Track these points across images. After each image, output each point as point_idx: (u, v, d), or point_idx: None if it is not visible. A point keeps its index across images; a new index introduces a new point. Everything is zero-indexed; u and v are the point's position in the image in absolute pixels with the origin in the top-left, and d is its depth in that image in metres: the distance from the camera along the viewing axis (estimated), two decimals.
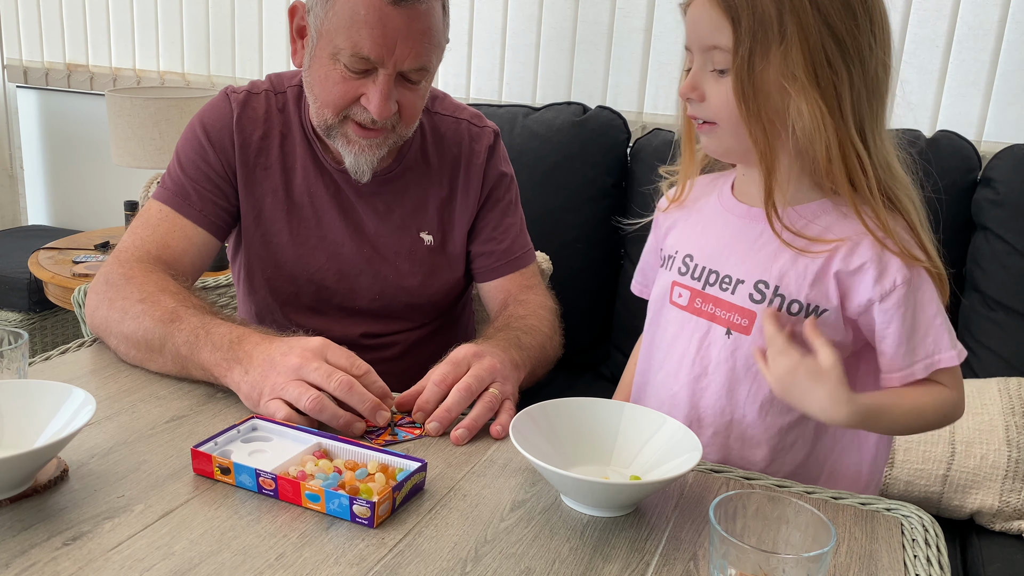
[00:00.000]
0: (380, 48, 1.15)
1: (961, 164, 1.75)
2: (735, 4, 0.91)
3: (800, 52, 0.90)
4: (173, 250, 1.26)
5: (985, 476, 1.43)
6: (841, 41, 0.91)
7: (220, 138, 1.29)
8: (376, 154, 1.25)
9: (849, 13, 0.91)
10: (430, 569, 0.74)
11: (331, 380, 0.94)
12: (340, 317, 1.36)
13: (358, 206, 1.33)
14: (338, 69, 1.18)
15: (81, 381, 1.06)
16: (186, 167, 1.30)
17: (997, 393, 1.50)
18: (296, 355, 0.96)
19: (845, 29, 0.91)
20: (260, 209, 1.32)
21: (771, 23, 0.90)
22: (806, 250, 0.96)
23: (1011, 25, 1.99)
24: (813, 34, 0.90)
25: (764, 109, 0.93)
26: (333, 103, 1.20)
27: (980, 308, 1.70)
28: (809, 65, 0.91)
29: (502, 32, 2.49)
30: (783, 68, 0.91)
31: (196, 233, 1.28)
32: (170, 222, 1.27)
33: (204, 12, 2.90)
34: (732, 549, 0.65)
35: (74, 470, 0.86)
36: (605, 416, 0.94)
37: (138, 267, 1.19)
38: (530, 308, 1.33)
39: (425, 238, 1.36)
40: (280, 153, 1.31)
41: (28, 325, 2.74)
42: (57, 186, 3.34)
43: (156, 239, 1.26)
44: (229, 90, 1.33)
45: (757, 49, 0.91)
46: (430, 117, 1.37)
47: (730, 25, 0.91)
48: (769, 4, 0.90)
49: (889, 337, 0.97)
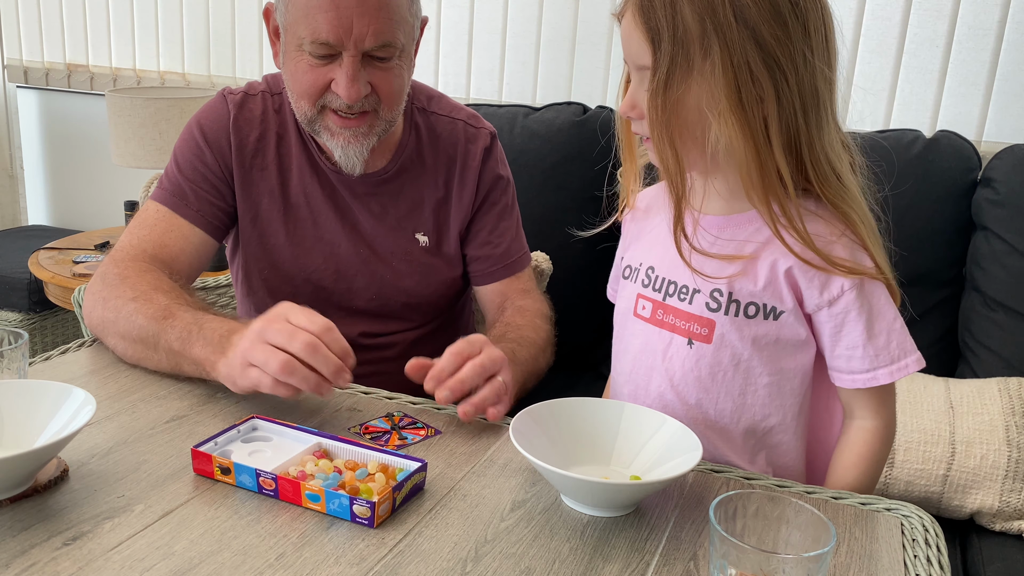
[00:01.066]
0: (336, 29, 1.15)
1: (961, 164, 1.75)
2: (655, 25, 0.88)
3: (723, 76, 0.87)
4: (170, 249, 1.26)
5: (985, 476, 1.43)
6: (769, 56, 0.87)
7: (217, 139, 1.30)
8: (364, 144, 1.25)
9: (780, 22, 0.87)
10: (430, 569, 0.74)
11: (294, 341, 0.94)
12: (338, 317, 1.35)
13: (354, 207, 1.33)
14: (304, 59, 1.19)
15: (81, 381, 1.06)
16: (183, 168, 1.30)
17: (997, 393, 1.50)
18: (258, 321, 0.97)
19: (775, 42, 0.87)
20: (257, 210, 1.32)
21: (692, 44, 0.87)
22: (731, 260, 0.96)
23: (1011, 25, 1.99)
24: (738, 53, 0.87)
25: (680, 133, 0.90)
26: (306, 92, 1.21)
27: (980, 308, 1.70)
28: (733, 90, 0.87)
29: (502, 32, 2.49)
30: (703, 92, 0.89)
31: (193, 233, 1.28)
32: (167, 222, 1.28)
33: (204, 12, 2.90)
34: (732, 549, 0.65)
35: (74, 470, 0.86)
36: (605, 416, 0.94)
37: (133, 266, 1.19)
38: (527, 317, 1.33)
39: (420, 239, 1.36)
40: (276, 154, 1.32)
41: (28, 325, 2.74)
42: (57, 186, 3.34)
43: (153, 239, 1.26)
44: (226, 91, 1.33)
45: (676, 72, 0.88)
46: (426, 117, 1.37)
47: (649, 46, 0.89)
48: (692, 23, 0.87)
49: (845, 339, 0.96)
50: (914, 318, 1.04)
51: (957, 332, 1.75)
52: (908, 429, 1.47)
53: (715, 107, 0.88)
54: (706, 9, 0.86)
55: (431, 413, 1.05)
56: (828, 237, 0.94)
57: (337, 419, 1.02)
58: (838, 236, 0.94)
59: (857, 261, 0.95)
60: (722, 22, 0.86)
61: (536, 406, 0.93)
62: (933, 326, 1.74)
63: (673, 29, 0.87)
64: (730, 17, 0.86)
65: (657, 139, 0.91)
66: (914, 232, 1.72)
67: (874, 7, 2.09)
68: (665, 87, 0.89)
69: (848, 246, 0.95)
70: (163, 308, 1.09)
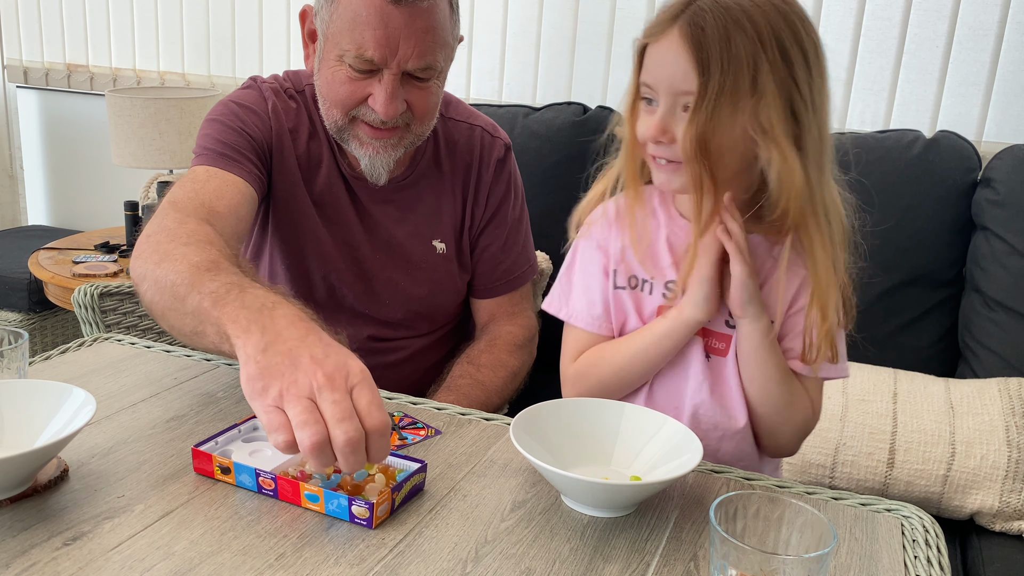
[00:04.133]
0: (383, 48, 1.14)
1: (961, 164, 1.75)
2: (707, 53, 0.91)
3: (775, 106, 0.92)
4: (228, 201, 1.17)
5: (985, 476, 1.43)
6: (804, 97, 0.93)
7: (259, 119, 1.26)
8: (392, 155, 1.24)
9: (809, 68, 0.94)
10: (430, 569, 0.74)
11: (340, 426, 0.76)
12: (350, 318, 1.36)
13: (373, 211, 1.33)
14: (344, 70, 1.18)
15: (81, 381, 1.06)
16: (224, 134, 1.23)
17: (997, 393, 1.50)
18: (325, 370, 0.78)
19: (808, 85, 0.93)
20: (288, 198, 1.30)
21: (744, 75, 0.91)
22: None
23: (1011, 25, 1.99)
24: (784, 89, 0.92)
25: (723, 156, 0.94)
26: (341, 103, 1.20)
27: (980, 308, 1.70)
28: (782, 118, 0.93)
29: (502, 32, 2.49)
30: (753, 120, 0.93)
31: (247, 189, 1.20)
32: (220, 178, 1.19)
33: (204, 12, 2.90)
34: (733, 550, 0.65)
35: (74, 470, 0.86)
36: (605, 416, 0.94)
37: (194, 217, 1.09)
38: (495, 354, 1.36)
39: (438, 246, 1.35)
40: (307, 149, 1.30)
41: (28, 325, 2.74)
42: (57, 186, 3.34)
43: (211, 190, 1.17)
44: (259, 80, 1.31)
45: (726, 100, 0.91)
46: (444, 123, 1.36)
47: (698, 72, 0.91)
48: (743, 56, 0.90)
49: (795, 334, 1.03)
50: (912, 320, 1.04)
51: (957, 332, 1.75)
52: (908, 429, 1.47)
53: (765, 135, 0.93)
54: (757, 42, 0.91)
55: (431, 413, 1.05)
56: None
57: None
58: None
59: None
60: (771, 58, 0.91)
61: (536, 406, 0.93)
62: (933, 326, 1.74)
63: (726, 58, 0.90)
64: (776, 54, 0.91)
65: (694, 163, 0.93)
66: (914, 232, 1.72)
67: (874, 7, 2.09)
68: (712, 114, 0.91)
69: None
70: (211, 261, 0.96)
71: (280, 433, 0.76)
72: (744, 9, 0.91)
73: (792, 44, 0.92)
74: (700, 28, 0.91)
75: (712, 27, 0.90)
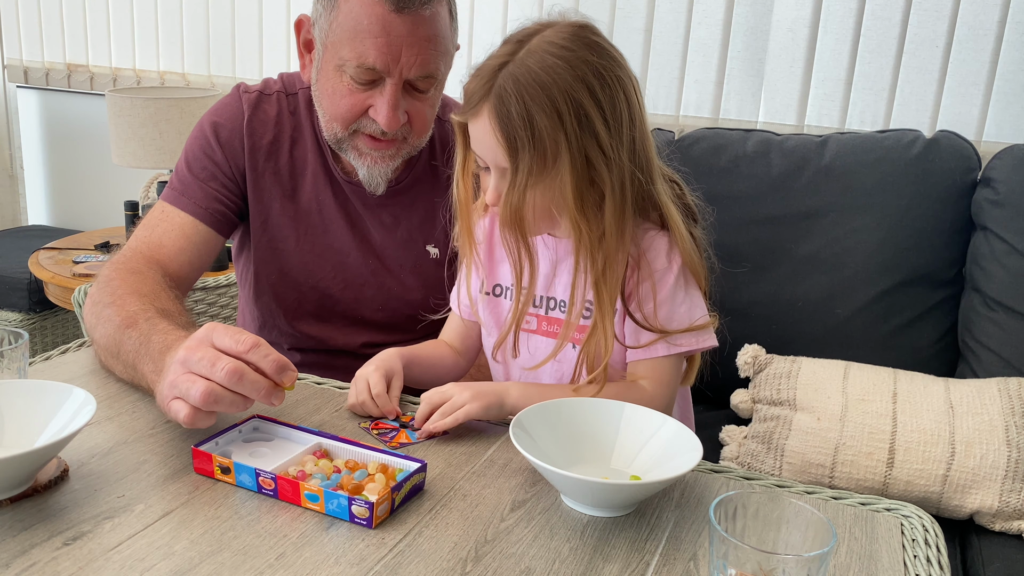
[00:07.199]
0: (385, 57, 1.14)
1: (961, 164, 1.75)
2: (512, 133, 0.96)
3: (568, 179, 0.98)
4: (167, 249, 1.24)
5: (985, 476, 1.43)
6: (605, 143, 0.98)
7: (230, 139, 1.28)
8: (390, 165, 1.25)
9: (611, 109, 0.98)
10: (430, 569, 0.74)
11: (216, 369, 0.84)
12: (343, 326, 1.35)
13: (365, 217, 1.32)
14: (344, 81, 1.17)
15: (81, 381, 1.06)
16: (192, 165, 1.29)
17: (997, 393, 1.50)
18: (182, 349, 0.88)
19: (608, 131, 0.98)
20: (268, 214, 1.31)
21: (548, 153, 0.97)
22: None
23: (1011, 25, 1.99)
24: (581, 153, 0.98)
25: (536, 222, 1.02)
26: (342, 116, 1.20)
27: (980, 308, 1.70)
28: (575, 189, 0.98)
29: (502, 32, 2.48)
30: (552, 192, 0.99)
31: (195, 229, 1.26)
32: (168, 220, 1.26)
33: (204, 12, 2.90)
34: (732, 549, 0.65)
35: (74, 470, 0.86)
36: (605, 416, 0.94)
37: (122, 269, 1.17)
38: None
39: (432, 251, 1.35)
40: (290, 158, 1.30)
41: (28, 325, 2.74)
42: (57, 186, 3.34)
43: (152, 239, 1.25)
44: (242, 89, 1.31)
45: (534, 179, 0.98)
46: (440, 125, 1.36)
47: (507, 152, 0.98)
48: (546, 136, 0.96)
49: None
50: (912, 320, 1.04)
51: (957, 332, 1.75)
52: (908, 429, 1.47)
53: (562, 205, 1.00)
54: (556, 118, 0.96)
55: None
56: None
57: (340, 418, 1.02)
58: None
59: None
60: (568, 129, 0.96)
61: (536, 406, 0.93)
62: (933, 326, 1.73)
63: (530, 138, 0.96)
64: (574, 123, 0.96)
65: (511, 227, 1.01)
66: (914, 232, 1.72)
67: (874, 7, 2.09)
68: (524, 191, 0.98)
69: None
70: (129, 316, 1.04)
71: (180, 410, 0.85)
72: (542, 84, 0.96)
73: (591, 105, 0.96)
74: (507, 111, 0.96)
75: (516, 109, 0.96)
